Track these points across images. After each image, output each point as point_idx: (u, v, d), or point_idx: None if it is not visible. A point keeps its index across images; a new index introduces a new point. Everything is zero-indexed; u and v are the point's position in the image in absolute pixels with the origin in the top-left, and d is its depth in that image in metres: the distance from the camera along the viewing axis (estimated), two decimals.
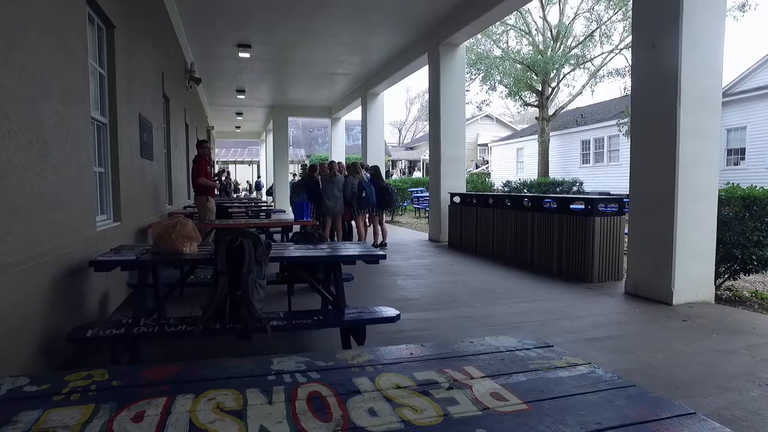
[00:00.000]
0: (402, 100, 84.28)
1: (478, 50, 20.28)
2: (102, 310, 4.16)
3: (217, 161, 31.76)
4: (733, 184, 5.51)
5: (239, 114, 20.79)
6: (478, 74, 20.32)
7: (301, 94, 16.71)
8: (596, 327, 4.24)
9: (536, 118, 22.28)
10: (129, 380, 1.35)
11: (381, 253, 3.66)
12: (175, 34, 9.31)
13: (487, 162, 32.90)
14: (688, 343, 3.75)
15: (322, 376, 1.36)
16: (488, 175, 27.05)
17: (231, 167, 36.30)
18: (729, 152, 17.15)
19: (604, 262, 5.94)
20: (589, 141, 22.79)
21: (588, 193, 15.03)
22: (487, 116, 35.17)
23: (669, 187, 4.87)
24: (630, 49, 6.55)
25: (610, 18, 19.60)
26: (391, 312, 3.30)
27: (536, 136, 21.75)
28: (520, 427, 1.08)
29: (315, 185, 8.70)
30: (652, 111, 5.10)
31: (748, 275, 5.73)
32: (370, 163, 12.55)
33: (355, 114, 18.06)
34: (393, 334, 3.87)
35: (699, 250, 4.96)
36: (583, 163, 23.03)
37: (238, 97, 16.49)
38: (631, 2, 6.87)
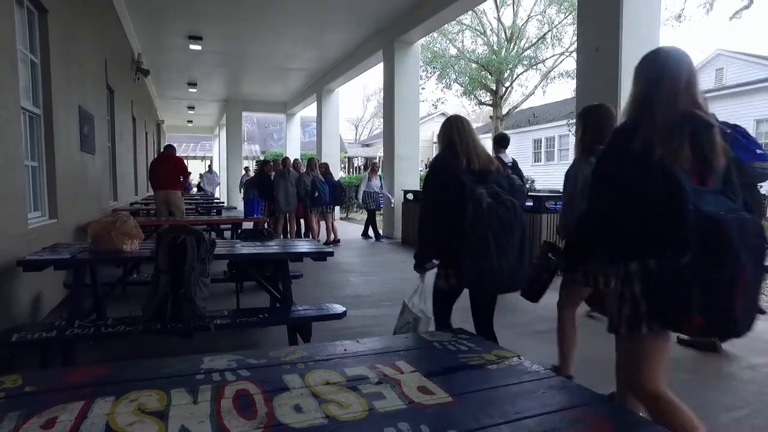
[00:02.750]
0: (359, 97, 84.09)
1: (434, 48, 20.49)
2: (34, 313, 3.95)
3: None
4: None
5: (191, 108, 20.17)
6: (434, 72, 20.55)
7: (256, 89, 16.40)
8: (541, 320, 4.37)
9: (490, 116, 22.75)
10: (46, 385, 1.28)
11: (329, 250, 3.65)
12: (121, 23, 8.92)
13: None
14: None
15: (253, 374, 1.35)
16: None
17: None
18: None
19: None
20: (541, 140, 23.50)
21: (539, 191, 15.51)
22: (443, 114, 35.55)
23: None
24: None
25: (561, 21, 20.21)
26: (338, 309, 3.30)
27: (490, 135, 22.20)
28: (442, 419, 1.11)
29: (267, 181, 8.57)
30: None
31: None
32: (325, 160, 12.48)
33: (310, 110, 17.88)
34: (341, 331, 3.87)
35: None
36: (535, 162, 23.72)
37: (190, 90, 15.99)
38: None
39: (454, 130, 2.59)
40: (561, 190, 3.02)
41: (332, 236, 8.99)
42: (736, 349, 3.57)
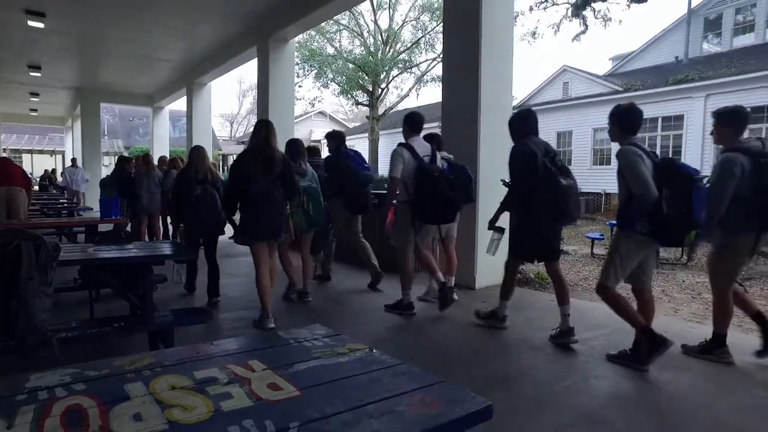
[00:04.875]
0: (234, 92, 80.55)
1: (312, 47, 20.46)
2: None
3: (5, 149, 26.70)
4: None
5: (35, 95, 17.71)
6: (312, 71, 20.51)
7: (116, 78, 14.92)
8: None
9: (366, 116, 23.32)
10: None
11: (191, 251, 3.49)
12: None
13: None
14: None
15: (89, 387, 1.26)
16: None
17: (26, 157, 30.91)
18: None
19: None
20: None
21: None
22: (321, 113, 35.57)
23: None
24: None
25: (434, 28, 21.36)
26: (203, 312, 3.18)
27: (367, 135, 22.74)
28: (287, 413, 1.15)
29: (128, 180, 7.87)
30: (458, 115, 5.72)
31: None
32: None
33: (181, 103, 16.77)
34: (208, 335, 3.73)
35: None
36: None
37: (32, 74, 14.00)
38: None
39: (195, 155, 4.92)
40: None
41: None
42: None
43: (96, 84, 15.68)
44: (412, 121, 4.41)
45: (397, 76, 22.34)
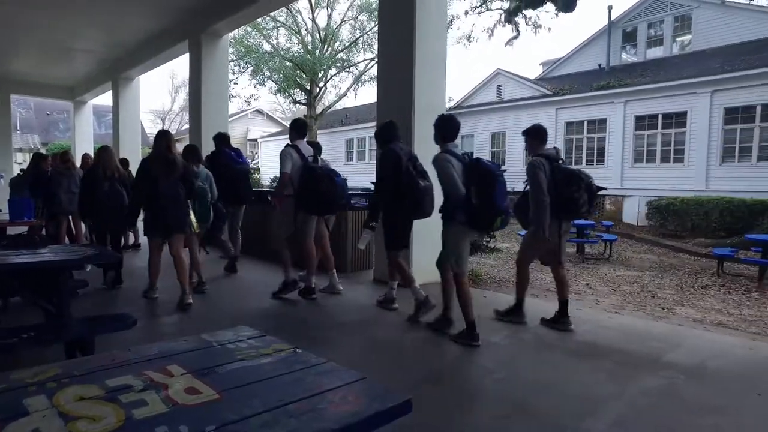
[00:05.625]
0: (166, 87, 76.91)
1: (248, 43, 19.94)
2: None
3: None
4: None
5: None
6: (247, 68, 20.00)
7: (29, 68, 13.78)
8: (344, 313, 4.63)
9: (304, 115, 23.04)
10: None
11: (115, 254, 3.31)
12: None
13: (255, 157, 32.48)
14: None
15: None
16: (258, 170, 26.89)
17: None
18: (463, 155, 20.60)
19: (357, 252, 6.49)
20: (353, 140, 24.58)
21: (351, 189, 16.27)
22: (258, 111, 34.73)
23: None
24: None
25: (371, 28, 21.45)
26: (125, 319, 3.02)
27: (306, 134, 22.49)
28: (204, 417, 1.12)
29: (43, 179, 7.32)
30: (393, 115, 5.77)
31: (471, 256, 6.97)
32: (124, 155, 11.17)
33: (107, 98, 15.79)
34: (136, 342, 3.54)
35: (431, 240, 5.78)
36: (348, 161, 24.72)
37: None
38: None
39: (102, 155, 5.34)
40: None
41: (132, 240, 8.14)
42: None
43: (5, 73, 14.39)
44: (298, 126, 5.12)
45: (335, 75, 22.26)
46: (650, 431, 2.49)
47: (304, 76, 21.01)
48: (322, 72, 21.22)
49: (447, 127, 3.93)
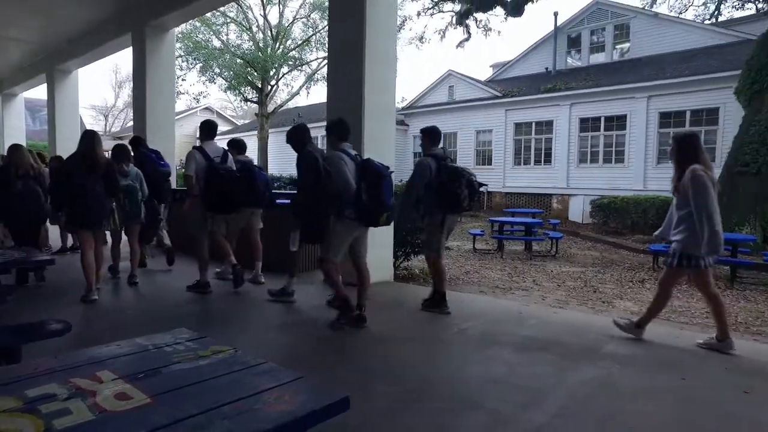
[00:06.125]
0: (109, 82, 73.44)
1: (197, 38, 19.34)
2: None
3: None
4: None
5: None
6: (196, 64, 19.40)
7: None
8: (290, 313, 4.58)
9: (256, 114, 22.60)
10: None
11: (47, 258, 3.14)
12: None
13: None
14: (368, 317, 4.38)
15: None
16: None
17: None
18: (415, 155, 20.80)
19: (308, 253, 6.42)
20: None
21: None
22: (208, 108, 33.69)
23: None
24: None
25: (324, 27, 21.29)
26: (55, 326, 2.86)
27: (256, 132, 22.02)
28: (133, 423, 1.08)
29: None
30: (343, 115, 5.74)
31: (418, 255, 7.04)
32: (61, 153, 10.58)
33: (41, 92, 14.92)
34: (69, 349, 3.36)
35: (381, 241, 5.79)
36: None
37: None
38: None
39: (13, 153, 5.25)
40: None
41: (71, 242, 7.72)
42: (452, 318, 4.36)
43: None
44: (207, 128, 5.31)
45: (287, 73, 21.94)
46: (588, 419, 2.60)
47: (255, 73, 20.59)
48: (274, 70, 20.88)
49: (341, 128, 4.20)
